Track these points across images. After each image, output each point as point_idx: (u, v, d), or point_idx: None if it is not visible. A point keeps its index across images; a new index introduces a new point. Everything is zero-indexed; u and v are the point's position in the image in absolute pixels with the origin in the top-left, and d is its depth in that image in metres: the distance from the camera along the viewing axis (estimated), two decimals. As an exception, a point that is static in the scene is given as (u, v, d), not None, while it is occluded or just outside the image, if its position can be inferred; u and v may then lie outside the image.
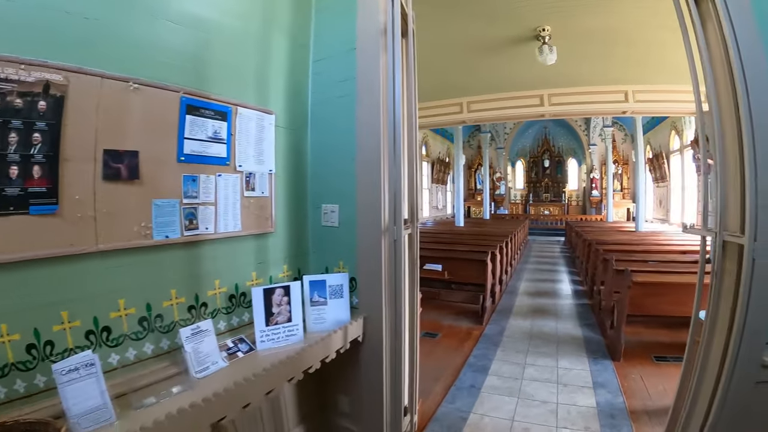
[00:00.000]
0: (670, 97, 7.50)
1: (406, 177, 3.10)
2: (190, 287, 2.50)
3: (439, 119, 8.51)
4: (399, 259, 2.84)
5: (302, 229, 3.37)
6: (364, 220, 3.03)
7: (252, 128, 2.85)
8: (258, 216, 2.93)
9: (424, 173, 20.40)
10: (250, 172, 2.86)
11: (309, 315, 2.90)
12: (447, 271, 7.29)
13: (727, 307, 2.49)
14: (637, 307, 5.50)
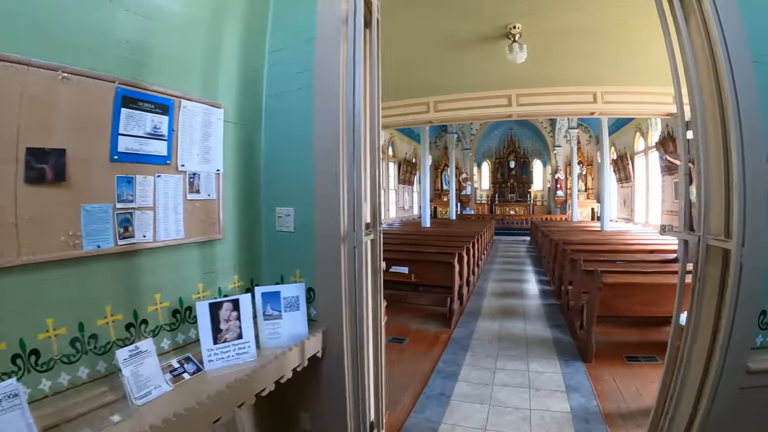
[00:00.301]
0: (639, 98, 7.51)
1: (368, 178, 2.84)
2: (128, 303, 2.20)
3: (406, 119, 8.33)
4: (360, 268, 2.59)
5: (255, 234, 3.07)
6: (321, 224, 2.77)
7: (197, 123, 2.55)
8: (203, 221, 2.62)
9: (391, 174, 20.23)
10: (194, 172, 2.55)
11: (262, 330, 2.62)
12: (414, 274, 7.11)
13: (710, 312, 2.36)
14: (607, 308, 5.41)
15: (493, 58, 6.35)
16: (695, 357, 2.42)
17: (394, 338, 6.13)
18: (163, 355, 2.32)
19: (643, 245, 9.74)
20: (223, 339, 2.40)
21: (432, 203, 26.17)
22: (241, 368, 2.32)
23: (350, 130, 2.58)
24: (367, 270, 2.79)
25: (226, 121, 2.76)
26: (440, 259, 7.12)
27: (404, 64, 6.69)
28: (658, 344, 5.80)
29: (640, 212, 17.54)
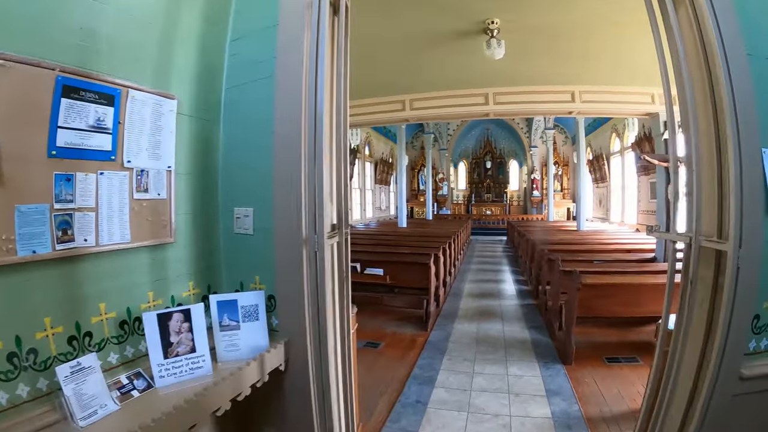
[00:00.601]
0: (617, 98, 7.45)
1: (334, 175, 2.62)
2: (69, 314, 1.96)
3: (381, 117, 8.13)
4: (322, 273, 2.37)
5: (212, 238, 2.82)
6: (281, 227, 2.53)
7: (147, 115, 2.31)
8: (153, 223, 2.38)
9: (368, 174, 20.02)
10: (142, 168, 2.31)
11: (219, 342, 2.39)
12: (389, 276, 6.92)
13: (701, 317, 2.22)
14: (586, 309, 5.30)
15: (470, 55, 6.20)
16: (686, 363, 2.28)
17: (368, 342, 5.93)
18: (111, 370, 2.10)
19: (620, 244, 9.72)
20: (174, 353, 2.17)
21: (409, 203, 26.11)
22: (195, 385, 2.10)
23: (311, 124, 2.37)
24: (331, 275, 2.56)
25: (180, 113, 2.51)
26: (416, 261, 6.95)
27: (378, 61, 6.50)
28: (638, 344, 5.75)
29: (615, 212, 17.69)
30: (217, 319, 2.40)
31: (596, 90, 7.40)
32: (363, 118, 8.16)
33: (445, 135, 26.38)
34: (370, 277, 6.99)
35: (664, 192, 7.33)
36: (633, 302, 5.42)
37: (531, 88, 7.40)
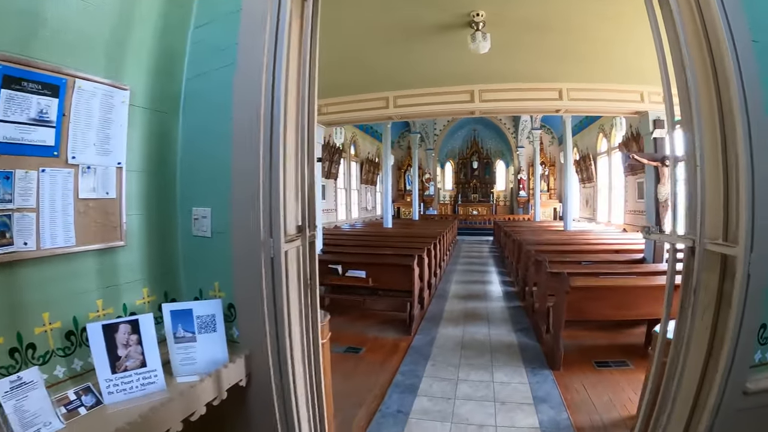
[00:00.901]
0: (606, 96, 7.28)
1: (300, 173, 2.40)
2: (10, 324, 1.76)
3: (363, 114, 7.90)
4: (279, 281, 2.13)
5: (169, 240, 2.57)
6: (239, 227, 2.28)
7: (95, 107, 2.07)
8: (101, 225, 2.14)
9: (353, 173, 19.76)
10: (89, 165, 2.07)
11: (174, 355, 2.15)
12: (371, 278, 6.69)
13: (704, 326, 2.01)
14: (575, 313, 5.11)
15: (454, 50, 5.98)
16: (687, 376, 2.08)
17: (349, 348, 5.71)
18: (58, 385, 1.89)
19: (608, 245, 9.59)
20: (123, 367, 1.93)
21: (395, 203, 26.02)
22: (147, 402, 1.88)
23: (267, 116, 2.14)
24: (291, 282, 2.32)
25: (134, 105, 2.27)
26: (399, 262, 6.73)
27: (360, 56, 6.27)
28: (628, 347, 5.62)
29: (602, 212, 17.66)
30: (171, 331, 2.16)
31: (584, 88, 7.23)
32: (345, 116, 7.94)
33: (431, 135, 26.24)
34: (352, 279, 6.77)
35: (653, 192, 7.19)
36: (623, 305, 5.25)
37: (518, 85, 7.22)
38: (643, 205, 13.65)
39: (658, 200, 7.10)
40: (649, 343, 5.59)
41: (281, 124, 2.14)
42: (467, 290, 9.24)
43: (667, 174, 7.06)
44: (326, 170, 15.45)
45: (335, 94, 7.82)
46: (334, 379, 4.72)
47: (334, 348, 5.72)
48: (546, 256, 7.10)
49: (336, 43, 5.69)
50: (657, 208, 7.15)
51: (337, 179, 16.84)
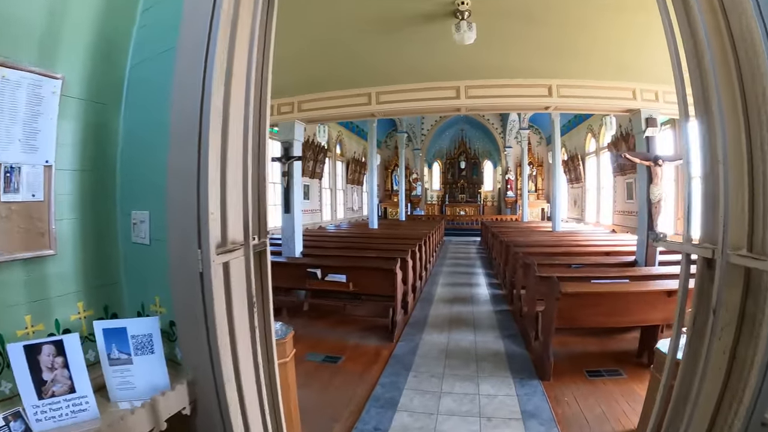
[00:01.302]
0: (597, 93, 6.98)
1: (246, 172, 2.07)
2: None
3: (344, 111, 7.55)
4: (210, 298, 1.78)
5: (108, 248, 2.23)
6: (174, 236, 1.95)
7: (21, 99, 1.76)
8: (26, 231, 1.82)
9: (339, 173, 19.39)
10: (11, 164, 1.75)
11: (110, 379, 1.83)
12: (352, 282, 6.37)
13: (723, 349, 1.72)
14: (566, 320, 4.83)
15: (439, 42, 5.67)
16: (702, 404, 1.78)
17: (327, 357, 5.39)
18: None
19: (597, 246, 9.35)
20: (49, 392, 1.65)
21: (382, 204, 25.77)
22: (82, 428, 1.63)
23: (207, 105, 1.80)
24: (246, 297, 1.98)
25: (67, 95, 1.94)
26: (381, 266, 6.41)
27: (339, 49, 5.93)
28: (621, 355, 5.39)
29: (590, 212, 17.51)
30: (104, 351, 1.85)
31: (575, 84, 6.95)
32: (326, 113, 7.58)
33: (419, 135, 26.04)
34: (332, 284, 6.44)
35: (645, 192, 6.94)
36: (616, 311, 4.98)
37: (505, 81, 6.92)
38: (632, 205, 13.49)
39: (651, 201, 6.85)
40: (643, 351, 5.36)
41: (210, 119, 1.80)
42: (453, 293, 8.94)
43: (659, 174, 6.82)
44: (311, 170, 15.10)
45: (315, 90, 7.49)
46: (309, 392, 4.42)
47: (311, 357, 5.42)
48: (534, 259, 6.83)
49: (313, 35, 5.37)
50: (650, 209, 6.90)
51: (322, 179, 16.47)
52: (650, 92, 7.15)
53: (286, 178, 7.76)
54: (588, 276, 5.92)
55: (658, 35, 2.21)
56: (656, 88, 7.16)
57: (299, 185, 7.95)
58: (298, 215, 7.87)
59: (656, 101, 7.18)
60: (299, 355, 5.47)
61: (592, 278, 5.91)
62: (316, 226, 15.45)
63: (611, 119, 11.37)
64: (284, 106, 7.97)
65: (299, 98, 7.78)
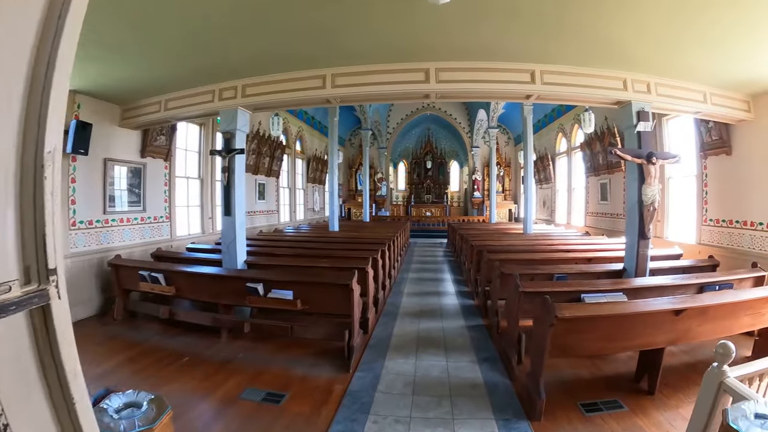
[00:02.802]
0: (585, 81, 6.06)
1: None
2: None
3: (296, 96, 6.39)
4: None
5: None
6: None
7: None
8: None
9: (299, 172, 18.19)
10: None
11: None
12: (300, 299, 5.33)
13: None
14: (559, 349, 3.95)
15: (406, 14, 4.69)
16: None
17: (269, 394, 4.37)
18: None
19: (578, 251, 8.58)
20: None
21: (346, 204, 24.89)
22: None
23: None
24: None
25: None
26: (335, 281, 5.41)
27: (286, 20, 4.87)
28: (616, 379, 4.65)
29: (561, 214, 16.89)
30: None
31: (560, 70, 6.06)
32: (274, 98, 6.43)
33: (384, 133, 25.16)
34: (276, 301, 5.40)
35: (636, 193, 6.14)
36: (618, 335, 4.15)
37: (482, 64, 5.97)
38: (606, 207, 12.85)
39: (643, 203, 6.05)
40: (642, 374, 4.55)
41: None
42: (420, 304, 7.98)
43: (653, 173, 6.04)
44: (267, 167, 13.96)
45: (260, 72, 6.40)
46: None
47: (249, 395, 4.32)
48: (513, 268, 6.00)
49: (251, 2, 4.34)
50: (641, 212, 6.10)
51: (280, 177, 15.28)
52: (642, 83, 6.37)
53: (226, 174, 6.67)
54: (578, 291, 5.07)
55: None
56: (648, 78, 6.38)
57: (242, 182, 6.85)
58: (240, 218, 6.76)
59: (648, 93, 6.41)
60: (237, 391, 4.45)
61: (581, 292, 5.07)
62: (272, 228, 14.29)
63: (590, 115, 10.65)
64: (226, 91, 6.87)
65: (244, 81, 6.68)
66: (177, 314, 6.42)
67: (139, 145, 8.77)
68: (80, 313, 7.09)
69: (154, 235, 9.17)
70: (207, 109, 7.12)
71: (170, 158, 9.61)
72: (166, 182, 9.63)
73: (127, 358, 5.42)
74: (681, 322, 4.28)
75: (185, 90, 7.29)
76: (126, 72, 6.35)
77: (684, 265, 7.05)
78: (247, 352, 5.56)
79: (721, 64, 5.87)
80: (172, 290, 6.41)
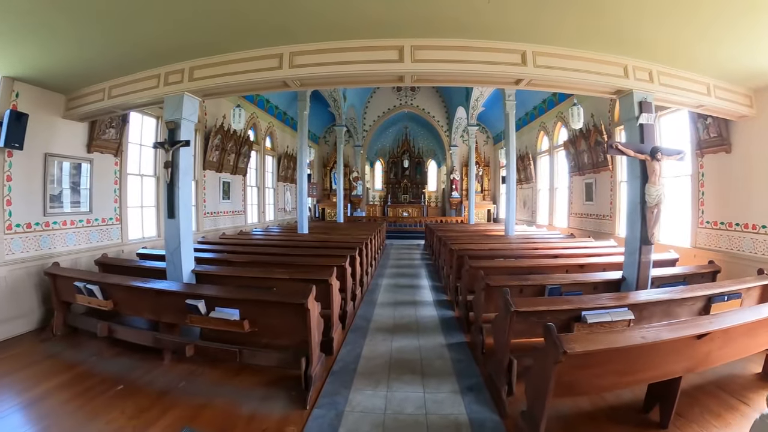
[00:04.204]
0: (582, 66, 5.27)
1: None
2: None
3: (249, 78, 5.42)
4: None
5: None
6: None
7: None
8: None
9: (269, 170, 17.18)
10: None
11: None
12: (249, 320, 4.45)
13: None
14: (564, 388, 3.15)
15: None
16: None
17: (200, 442, 3.51)
18: None
19: (566, 256, 7.87)
20: None
21: (320, 204, 24.05)
22: None
23: None
24: None
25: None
26: (287, 299, 4.45)
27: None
28: (622, 410, 3.96)
29: (542, 214, 16.27)
30: None
31: (555, 52, 5.25)
32: (224, 81, 5.39)
33: (360, 130, 24.28)
34: (223, 322, 4.51)
35: (638, 193, 5.42)
36: (632, 367, 3.40)
37: (466, 42, 5.13)
38: (591, 207, 12.20)
39: (647, 204, 5.33)
40: (652, 404, 3.80)
41: None
42: (395, 317, 7.14)
43: (657, 171, 5.32)
44: (233, 164, 12.99)
45: (209, 52, 5.47)
46: None
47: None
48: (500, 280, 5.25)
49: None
50: (644, 215, 5.38)
51: (247, 175, 14.27)
52: (644, 71, 5.67)
53: (169, 170, 5.75)
54: (578, 308, 4.29)
55: None
56: (650, 66, 5.68)
57: (189, 180, 5.94)
58: (186, 221, 5.82)
59: (650, 82, 5.71)
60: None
61: (581, 310, 4.31)
62: (237, 230, 13.30)
63: (578, 109, 9.95)
64: (173, 74, 5.94)
65: (192, 63, 5.77)
66: (116, 331, 5.49)
67: (86, 139, 7.78)
68: (19, 328, 6.20)
69: (102, 239, 8.18)
70: (152, 96, 6.19)
71: (121, 153, 8.61)
72: (117, 180, 8.62)
73: (59, 383, 4.56)
74: (702, 345, 3.58)
75: (130, 75, 6.37)
76: (60, 53, 5.47)
77: (685, 273, 6.38)
78: (191, 378, 4.68)
79: (727, 50, 5.26)
80: (109, 305, 5.49)
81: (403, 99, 24.11)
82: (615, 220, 11.01)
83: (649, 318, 4.77)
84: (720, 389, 4.31)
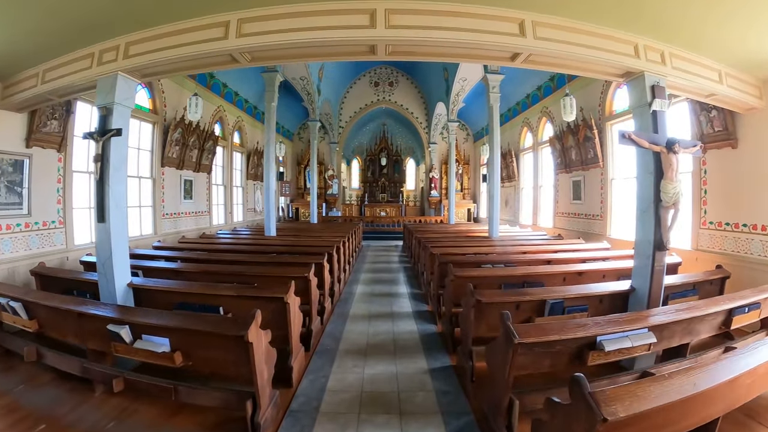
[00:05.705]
0: (587, 41, 4.44)
1: None
2: None
3: (190, 50, 4.38)
4: None
5: None
6: None
7: None
8: None
9: (237, 167, 16.11)
10: None
11: None
12: (182, 352, 3.50)
13: None
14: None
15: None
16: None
17: None
18: None
19: (560, 261, 7.13)
20: None
21: (293, 203, 23.06)
22: None
23: None
24: None
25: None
26: (223, 330, 3.48)
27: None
28: None
29: (526, 214, 15.55)
30: None
31: (557, 23, 4.42)
32: (162, 57, 4.31)
33: (336, 127, 23.32)
34: (148, 354, 3.56)
35: (652, 191, 4.64)
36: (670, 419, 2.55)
37: (452, 5, 4.23)
38: (580, 206, 11.46)
39: (663, 203, 4.56)
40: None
41: None
42: (369, 335, 6.24)
43: (674, 165, 4.55)
44: (195, 161, 11.98)
45: (144, 25, 4.51)
46: None
47: None
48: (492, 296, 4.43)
49: None
50: (658, 216, 4.62)
51: (212, 173, 13.23)
52: (655, 51, 4.93)
53: (99, 164, 4.78)
54: (593, 335, 3.47)
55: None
56: (662, 47, 4.94)
57: (123, 176, 4.97)
58: (118, 226, 4.84)
59: (663, 64, 4.96)
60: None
61: (597, 335, 3.49)
62: (200, 233, 12.26)
63: (571, 100, 9.17)
64: (107, 52, 4.98)
65: (128, 38, 4.83)
66: (45, 356, 4.53)
67: (24, 132, 6.78)
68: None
69: (44, 245, 7.17)
70: (85, 78, 5.24)
71: (65, 148, 7.59)
72: (60, 178, 7.61)
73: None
74: (746, 377, 2.80)
75: (65, 55, 5.42)
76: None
77: (695, 280, 5.69)
78: (123, 417, 3.73)
79: (741, 32, 4.66)
80: (34, 326, 4.56)
81: (381, 95, 23.26)
82: (606, 220, 10.29)
83: (669, 339, 4.03)
84: (749, 418, 3.54)
